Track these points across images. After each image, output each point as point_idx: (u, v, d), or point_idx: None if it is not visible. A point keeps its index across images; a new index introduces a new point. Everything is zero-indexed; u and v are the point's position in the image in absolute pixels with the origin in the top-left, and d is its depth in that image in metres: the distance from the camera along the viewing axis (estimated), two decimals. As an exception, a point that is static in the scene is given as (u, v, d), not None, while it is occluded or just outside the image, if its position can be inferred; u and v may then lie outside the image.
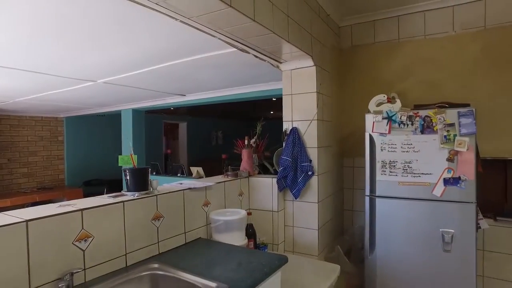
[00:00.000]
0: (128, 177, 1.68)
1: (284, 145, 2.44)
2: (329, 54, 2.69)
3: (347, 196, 3.01)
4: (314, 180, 2.39)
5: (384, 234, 2.20)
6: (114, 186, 5.06)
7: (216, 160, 7.19)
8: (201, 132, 7.71)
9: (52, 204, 1.47)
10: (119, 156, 1.74)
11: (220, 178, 2.40)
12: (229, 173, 2.43)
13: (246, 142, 2.58)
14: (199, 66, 2.45)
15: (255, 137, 2.75)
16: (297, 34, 2.07)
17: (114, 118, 6.34)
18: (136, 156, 1.74)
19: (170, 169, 5.74)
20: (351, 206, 2.98)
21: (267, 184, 2.44)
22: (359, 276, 2.45)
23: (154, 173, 4.08)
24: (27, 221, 1.20)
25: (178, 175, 4.19)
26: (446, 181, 2.04)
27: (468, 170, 2.00)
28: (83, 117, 5.97)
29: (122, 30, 1.82)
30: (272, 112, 7.26)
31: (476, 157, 2.00)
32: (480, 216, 2.17)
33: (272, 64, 2.40)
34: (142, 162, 4.57)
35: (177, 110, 5.89)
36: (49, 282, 1.25)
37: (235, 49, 2.05)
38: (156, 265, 1.54)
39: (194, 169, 3.95)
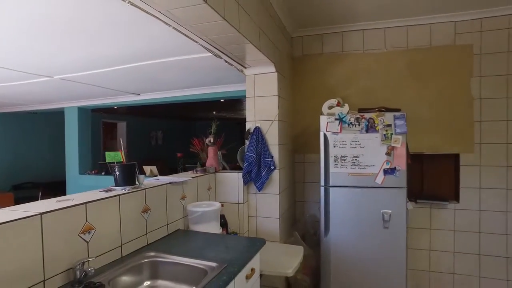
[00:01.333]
0: (117, 172, 1.75)
1: (248, 142, 2.67)
2: (285, 61, 3.01)
3: (298, 188, 3.36)
4: (275, 174, 2.67)
5: (337, 218, 2.58)
6: (50, 189, 4.69)
7: (159, 159, 7.08)
8: (141, 132, 7.50)
9: (51, 199, 1.48)
10: (106, 153, 1.79)
11: (190, 174, 2.54)
12: (198, 169, 2.58)
13: (211, 140, 2.74)
14: (170, 67, 2.54)
15: (211, 136, 2.93)
16: (264, 42, 2.32)
17: (50, 116, 5.83)
18: (122, 152, 1.81)
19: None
20: (303, 198, 3.34)
21: (232, 179, 2.65)
22: (315, 257, 2.80)
23: (103, 173, 3.92)
24: (41, 214, 1.24)
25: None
26: (385, 171, 2.49)
27: (401, 162, 2.47)
28: (11, 114, 5.34)
29: (99, 27, 1.84)
30: (214, 113, 7.42)
31: (406, 152, 2.49)
32: (407, 199, 2.68)
33: (237, 69, 2.62)
34: (88, 163, 4.36)
35: (117, 109, 5.70)
36: (61, 273, 1.30)
37: (209, 54, 2.22)
38: (152, 253, 1.66)
39: (147, 168, 3.95)
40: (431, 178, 3.12)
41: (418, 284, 3.05)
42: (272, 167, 2.63)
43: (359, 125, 2.55)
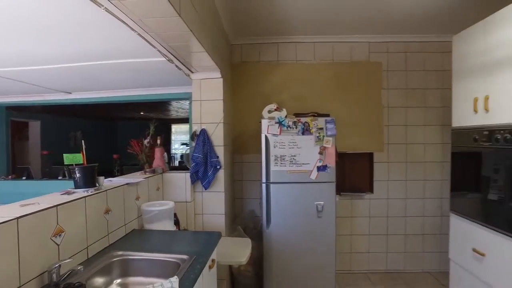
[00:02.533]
0: (78, 175, 1.74)
1: (195, 144, 2.80)
2: (227, 67, 3.20)
3: (237, 186, 3.58)
4: (221, 173, 2.85)
5: (277, 211, 2.87)
6: None
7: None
8: (58, 132, 6.81)
9: (15, 203, 1.43)
10: (64, 155, 1.76)
11: (139, 174, 2.56)
12: (147, 170, 2.61)
13: (159, 141, 2.79)
14: (117, 68, 2.50)
15: (149, 137, 2.97)
16: (215, 49, 2.48)
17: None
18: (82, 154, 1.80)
19: (47, 172, 4.93)
20: (241, 195, 3.57)
21: (180, 179, 2.75)
22: (257, 249, 3.04)
23: (24, 178, 3.53)
24: (17, 218, 1.23)
25: (59, 178, 3.79)
26: (319, 168, 2.87)
27: (331, 160, 2.88)
28: None
29: (53, 23, 1.77)
30: (142, 113, 7.15)
31: (335, 151, 2.91)
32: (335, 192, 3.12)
33: (185, 73, 2.72)
34: (3, 168, 3.89)
35: (29, 107, 5.14)
36: (36, 277, 1.29)
37: (163, 59, 2.29)
38: (120, 252, 1.70)
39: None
40: (351, 173, 3.64)
41: (342, 263, 3.54)
42: (218, 167, 2.80)
43: (296, 128, 2.88)
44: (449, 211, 2.71)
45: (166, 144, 2.70)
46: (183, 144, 7.53)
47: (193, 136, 2.83)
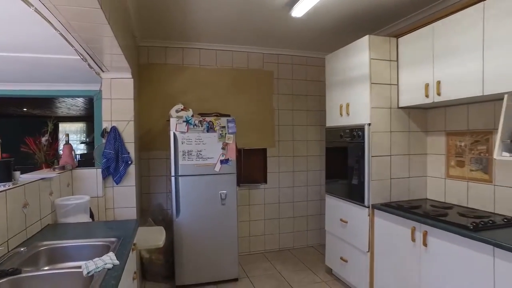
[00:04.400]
0: (-6, 169, 1.75)
1: (106, 140, 2.89)
2: (135, 67, 3.34)
3: (144, 182, 3.72)
4: (131, 168, 3.00)
5: (186, 201, 3.16)
6: None
7: None
8: None
9: None
10: (-24, 150, 1.74)
11: (47, 171, 2.53)
12: (56, 167, 2.60)
13: (66, 138, 2.79)
14: (21, 61, 2.41)
15: (47, 135, 2.96)
16: (127, 48, 2.64)
17: None
18: (-4, 149, 1.80)
19: None
20: (148, 190, 3.72)
21: (90, 175, 2.81)
22: (168, 238, 3.27)
23: None
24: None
25: None
26: (222, 161, 3.27)
27: (232, 154, 3.32)
28: None
29: None
30: (25, 109, 6.35)
31: (236, 147, 3.35)
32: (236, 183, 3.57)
33: (95, 72, 2.79)
34: None
35: None
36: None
37: (78, 57, 2.36)
38: (45, 242, 1.78)
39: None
40: (248, 167, 4.16)
41: (243, 246, 4.02)
42: (130, 162, 2.95)
43: (201, 126, 3.22)
44: (325, 194, 3.45)
45: (55, 144, 2.64)
46: (82, 143, 7.05)
47: (103, 133, 2.91)
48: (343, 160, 3.13)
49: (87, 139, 6.32)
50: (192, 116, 3.24)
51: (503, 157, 1.95)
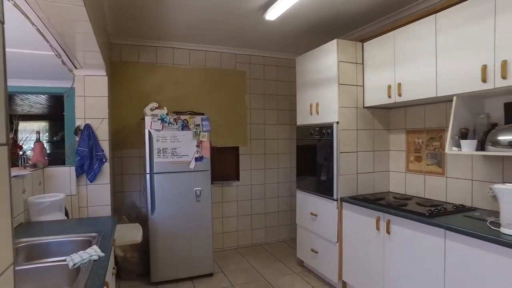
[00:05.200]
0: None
1: (79, 138, 2.86)
2: (109, 65, 3.32)
3: (117, 180, 3.69)
4: (106, 166, 2.99)
5: (161, 198, 3.20)
6: None
7: None
8: None
9: None
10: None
11: (18, 169, 2.48)
12: (27, 164, 2.55)
13: (37, 136, 2.73)
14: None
15: (12, 133, 2.90)
16: (103, 45, 2.65)
17: None
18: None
19: None
20: (121, 189, 3.70)
21: (63, 173, 2.78)
22: (143, 235, 3.28)
23: None
24: None
25: None
26: (196, 159, 3.34)
27: (206, 152, 3.39)
28: None
29: None
30: None
31: (210, 145, 3.43)
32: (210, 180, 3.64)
33: (68, 68, 2.76)
34: None
35: None
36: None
37: (51, 53, 2.34)
38: (23, 239, 1.77)
39: None
40: (221, 164, 4.24)
41: (216, 242, 4.10)
42: (104, 160, 2.95)
43: (176, 124, 3.27)
44: (296, 191, 3.61)
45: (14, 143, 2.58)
46: (49, 141, 6.75)
47: (76, 130, 2.88)
48: (313, 157, 3.30)
49: (55, 138, 6.09)
50: (167, 114, 3.28)
51: (453, 151, 2.20)
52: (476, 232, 1.81)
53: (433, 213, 2.20)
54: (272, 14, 2.93)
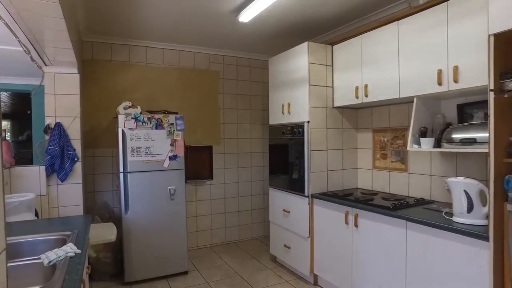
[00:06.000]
0: None
1: (50, 137, 2.80)
2: (80, 62, 3.26)
3: (89, 180, 3.62)
4: (78, 165, 2.95)
5: (135, 197, 3.18)
6: None
7: None
8: None
9: None
10: None
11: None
12: (-7, 164, 2.47)
13: (4, 135, 2.65)
14: None
15: None
16: (75, 42, 2.61)
17: None
18: None
19: None
20: (93, 189, 3.63)
21: (31, 172, 2.72)
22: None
23: None
24: None
25: None
26: (170, 158, 3.35)
27: (181, 151, 3.41)
28: None
29: None
30: None
31: (184, 144, 3.46)
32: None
33: (37, 65, 2.70)
34: None
35: None
36: None
37: (19, 49, 2.29)
38: (-7, 237, 1.73)
39: None
40: (195, 164, 4.26)
41: (191, 241, 4.11)
42: (76, 159, 2.90)
43: (150, 123, 3.27)
44: (268, 189, 3.71)
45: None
46: (13, 141, 6.44)
47: (46, 129, 2.82)
48: (285, 155, 3.41)
49: (20, 137, 5.83)
50: (141, 113, 3.27)
51: (413, 148, 2.37)
52: (432, 222, 1.98)
53: (396, 206, 2.36)
54: (246, 16, 3.01)
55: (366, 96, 2.79)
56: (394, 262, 2.28)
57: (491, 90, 1.64)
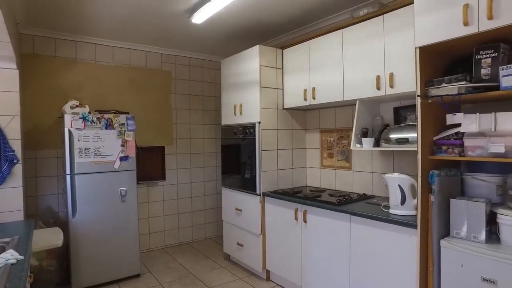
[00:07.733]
0: None
1: (-15, 137, 2.60)
2: (19, 57, 3.05)
3: (30, 184, 3.39)
4: (18, 168, 2.75)
5: (83, 200, 3.06)
6: None
7: None
8: None
9: None
10: None
11: None
12: None
13: None
14: None
15: None
16: (13, 35, 2.45)
17: None
18: None
19: None
20: (35, 193, 3.41)
21: (-36, 176, 2.50)
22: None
23: None
24: None
25: None
26: (121, 158, 3.27)
27: (132, 151, 3.34)
28: None
29: None
30: None
31: (135, 144, 3.39)
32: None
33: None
34: None
35: None
36: None
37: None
38: None
39: None
40: (146, 164, 4.18)
41: (143, 243, 4.03)
42: (15, 161, 2.71)
43: (100, 123, 3.17)
44: (221, 189, 3.76)
45: None
46: None
47: (-20, 129, 2.61)
48: (237, 155, 3.49)
49: None
50: (89, 112, 3.16)
51: (356, 148, 2.58)
52: (372, 215, 2.18)
53: (341, 202, 2.55)
54: (199, 18, 3.04)
55: (314, 98, 2.96)
56: (340, 253, 2.46)
57: (418, 96, 1.86)
